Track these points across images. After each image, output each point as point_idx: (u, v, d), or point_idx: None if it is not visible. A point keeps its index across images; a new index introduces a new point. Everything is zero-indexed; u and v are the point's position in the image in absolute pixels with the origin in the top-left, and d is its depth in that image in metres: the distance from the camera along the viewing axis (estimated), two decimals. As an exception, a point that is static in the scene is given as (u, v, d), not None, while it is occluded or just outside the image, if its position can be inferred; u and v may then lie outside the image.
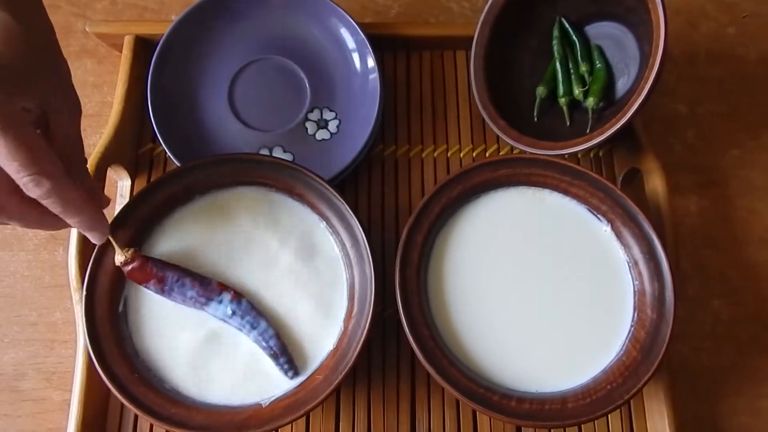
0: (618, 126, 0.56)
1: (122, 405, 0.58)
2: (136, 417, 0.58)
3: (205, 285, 0.53)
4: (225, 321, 0.53)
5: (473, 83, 0.66)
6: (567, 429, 0.58)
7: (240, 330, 0.53)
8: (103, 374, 0.50)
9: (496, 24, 0.66)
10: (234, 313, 0.53)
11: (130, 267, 0.52)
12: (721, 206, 0.68)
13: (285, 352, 0.53)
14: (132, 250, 0.52)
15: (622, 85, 0.63)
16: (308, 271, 0.56)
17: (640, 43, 0.61)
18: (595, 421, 0.58)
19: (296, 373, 0.53)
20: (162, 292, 0.53)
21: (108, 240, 0.50)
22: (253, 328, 0.53)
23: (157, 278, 0.52)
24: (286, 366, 0.52)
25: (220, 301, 0.53)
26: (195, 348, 0.53)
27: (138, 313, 0.54)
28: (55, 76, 0.45)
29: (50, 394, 0.60)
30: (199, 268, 0.55)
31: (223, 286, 0.54)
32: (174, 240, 0.56)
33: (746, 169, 0.70)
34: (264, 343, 0.52)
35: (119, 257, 0.52)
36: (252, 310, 0.53)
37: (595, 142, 0.57)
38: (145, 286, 0.53)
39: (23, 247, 0.65)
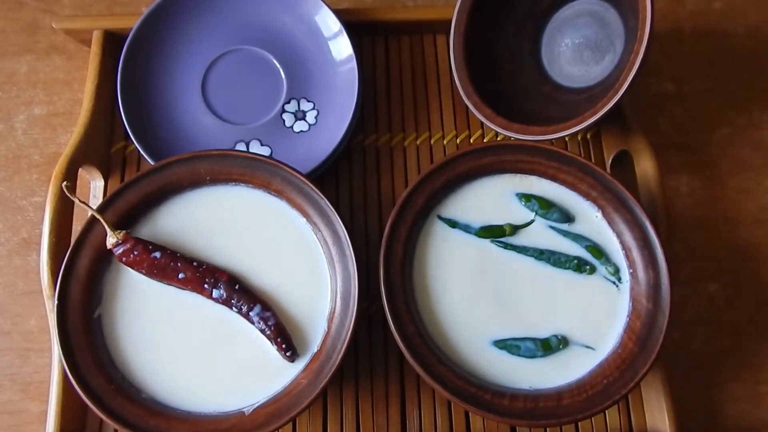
0: (610, 104, 0.53)
1: (101, 415, 0.56)
2: (115, 429, 0.56)
3: (198, 267, 0.52)
4: (219, 303, 0.52)
5: (455, 72, 0.63)
6: (563, 427, 0.56)
7: (236, 311, 0.52)
8: (78, 387, 0.48)
9: (474, 9, 0.63)
10: (229, 294, 0.51)
11: (121, 249, 0.51)
12: (712, 186, 0.67)
13: (283, 332, 0.51)
14: (123, 232, 0.51)
15: (608, 63, 0.61)
16: (287, 270, 0.53)
17: (624, 18, 0.59)
18: (592, 415, 0.57)
19: (295, 354, 0.51)
20: (153, 275, 0.52)
21: (86, 234, 0.50)
22: (250, 309, 0.51)
23: (150, 261, 0.51)
24: (284, 346, 0.50)
25: (215, 283, 0.51)
26: (173, 354, 0.51)
27: (113, 320, 0.52)
28: None
29: (27, 405, 0.58)
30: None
31: (217, 269, 0.52)
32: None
33: (736, 147, 0.68)
34: (262, 325, 0.51)
35: (111, 239, 0.51)
36: (247, 292, 0.52)
37: (588, 123, 0.55)
38: (137, 270, 0.52)
39: (-6, 254, 0.63)
